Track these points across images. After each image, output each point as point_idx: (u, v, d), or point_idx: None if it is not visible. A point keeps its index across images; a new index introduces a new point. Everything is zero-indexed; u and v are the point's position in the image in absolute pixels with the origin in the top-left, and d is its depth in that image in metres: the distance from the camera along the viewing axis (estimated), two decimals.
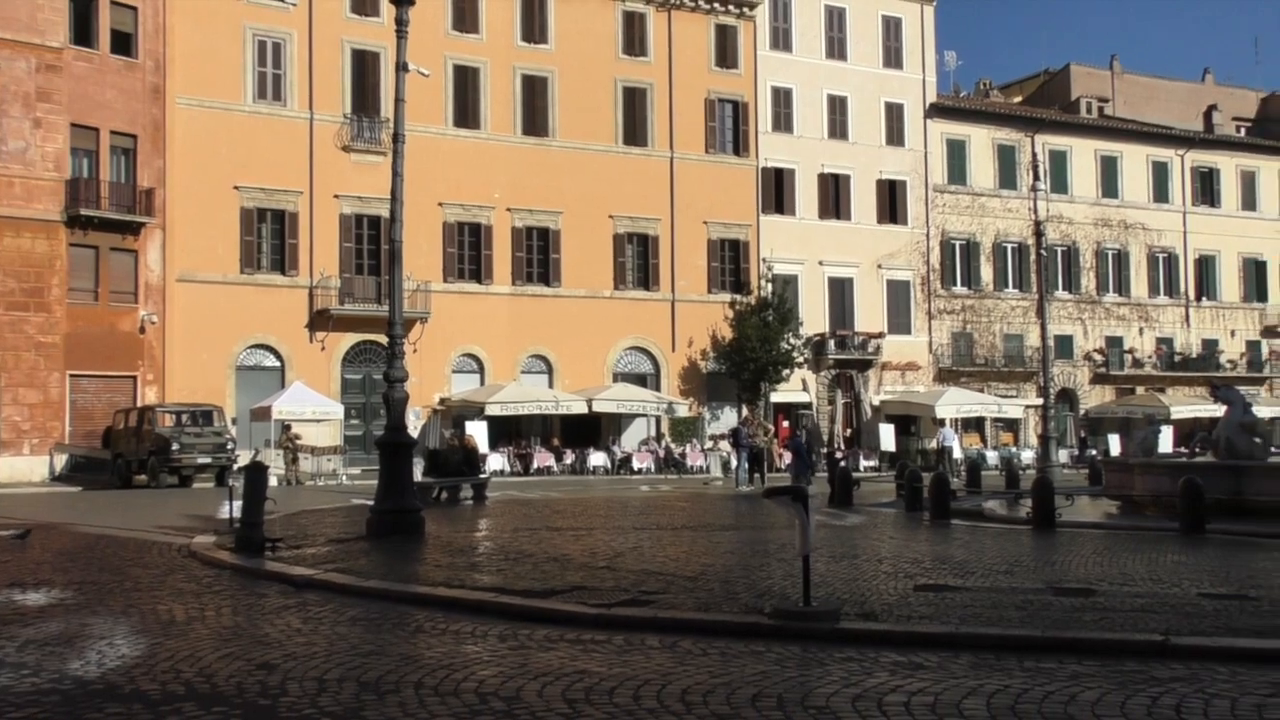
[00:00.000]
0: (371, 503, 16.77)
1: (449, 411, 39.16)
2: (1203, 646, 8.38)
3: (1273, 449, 29.78)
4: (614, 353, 42.59)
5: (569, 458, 40.52)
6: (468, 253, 40.74)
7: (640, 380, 42.81)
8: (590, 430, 41.49)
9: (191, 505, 23.50)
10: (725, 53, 44.75)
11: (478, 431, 35.22)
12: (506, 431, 40.25)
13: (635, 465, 40.60)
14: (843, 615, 9.52)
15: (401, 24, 16.67)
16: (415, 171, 39.27)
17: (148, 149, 36.35)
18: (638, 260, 43.21)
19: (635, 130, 43.25)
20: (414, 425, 38.67)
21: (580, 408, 39.65)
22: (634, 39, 43.41)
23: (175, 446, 31.02)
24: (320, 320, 38.29)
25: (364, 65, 39.56)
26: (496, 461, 37.93)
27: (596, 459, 40.67)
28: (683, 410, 42.40)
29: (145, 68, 36.36)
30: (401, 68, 17.07)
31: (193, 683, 7.19)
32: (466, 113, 40.93)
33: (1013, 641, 8.63)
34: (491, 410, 37.93)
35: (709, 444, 42.00)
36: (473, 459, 27.07)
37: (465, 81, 40.87)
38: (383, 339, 26.68)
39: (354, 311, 38.29)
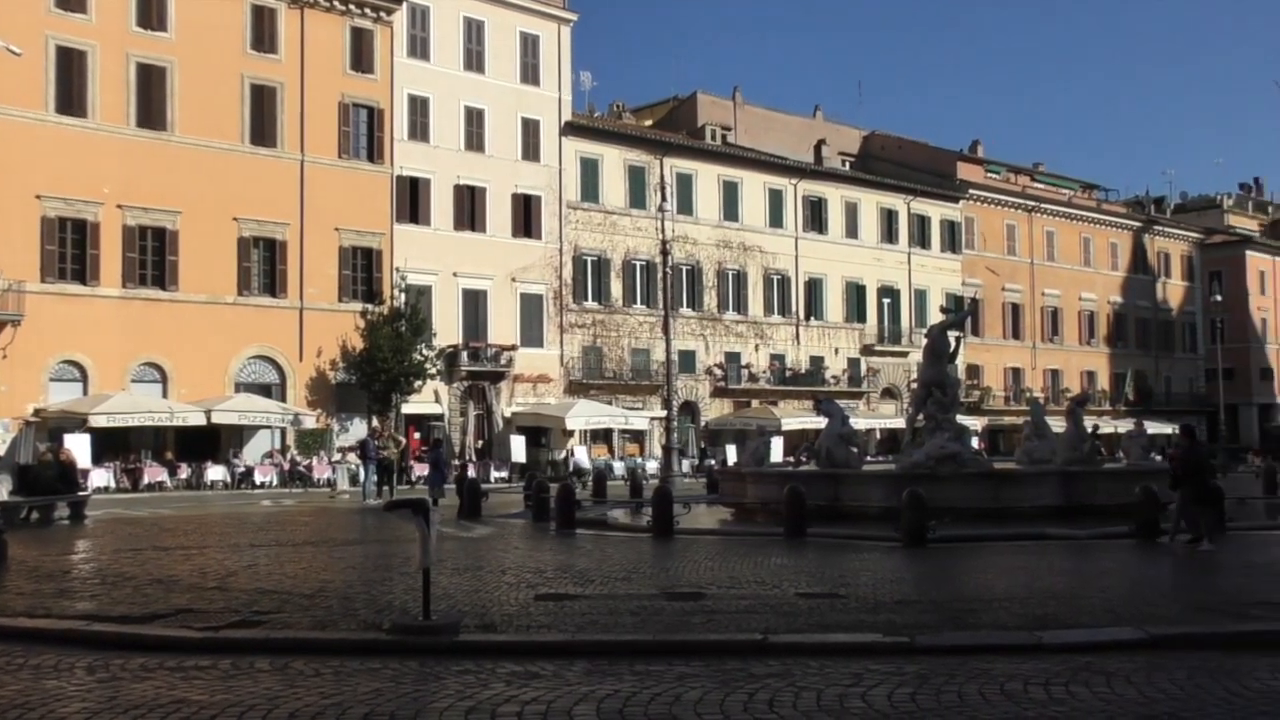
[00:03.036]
0: None
1: (45, 423, 35.74)
2: (797, 643, 8.93)
3: (867, 458, 32.59)
4: (237, 361, 40.47)
5: (184, 472, 38.10)
6: (71, 251, 37.40)
7: (265, 390, 40.92)
8: (209, 443, 39.18)
9: None
10: (361, 57, 43.74)
11: (78, 445, 32.38)
12: (114, 445, 37.27)
13: (258, 479, 38.76)
14: (463, 628, 9.44)
15: None
16: (8, 159, 35.98)
17: None
18: (264, 265, 41.30)
19: (264, 130, 41.37)
20: (1, 439, 35.15)
21: (198, 419, 37.40)
22: (264, 35, 41.54)
23: None
24: None
25: None
26: (100, 478, 35.03)
27: (215, 473, 38.49)
28: (310, 422, 40.96)
29: None
30: None
31: None
32: (72, 99, 37.64)
33: (626, 646, 8.85)
34: (96, 421, 35.01)
35: (337, 456, 40.81)
36: (69, 475, 24.80)
37: (71, 65, 37.57)
38: None
39: None
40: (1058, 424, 26.74)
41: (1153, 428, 55.80)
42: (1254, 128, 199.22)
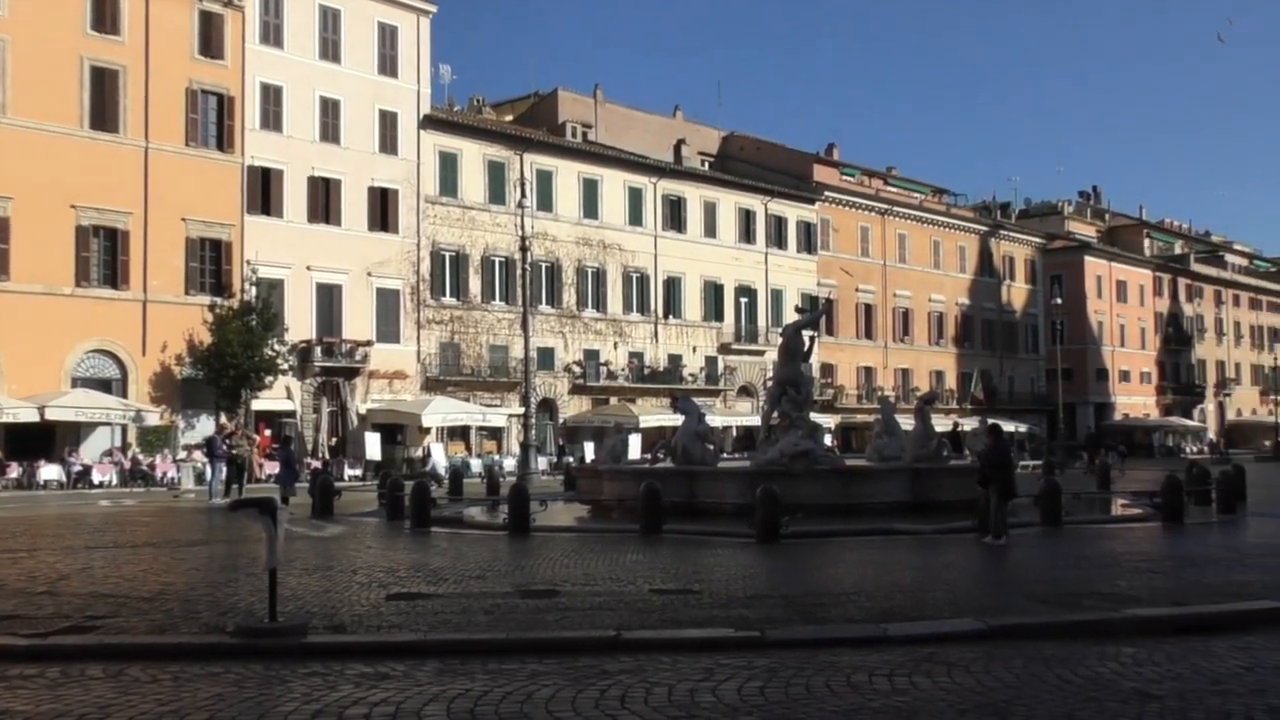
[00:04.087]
0: None
1: None
2: (650, 639, 8.97)
3: (723, 455, 33.03)
4: (74, 355, 38.76)
5: (14, 472, 36.33)
6: None
7: (104, 386, 39.31)
8: (42, 441, 37.44)
9: None
10: (210, 41, 42.34)
11: None
12: None
13: (96, 479, 37.21)
14: (311, 629, 9.24)
15: None
16: None
17: None
18: (105, 255, 39.62)
19: (105, 114, 39.70)
20: None
21: (31, 415, 35.75)
22: (105, 15, 39.82)
23: None
24: None
25: None
26: None
27: (49, 472, 36.79)
28: (154, 419, 39.51)
29: None
30: None
31: None
32: None
33: (478, 645, 8.77)
34: None
35: (182, 454, 39.46)
36: None
37: None
38: None
39: None
40: (907, 422, 27.49)
41: None
42: (1093, 138, 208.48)
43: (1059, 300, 73.91)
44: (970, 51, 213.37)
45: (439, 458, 42.71)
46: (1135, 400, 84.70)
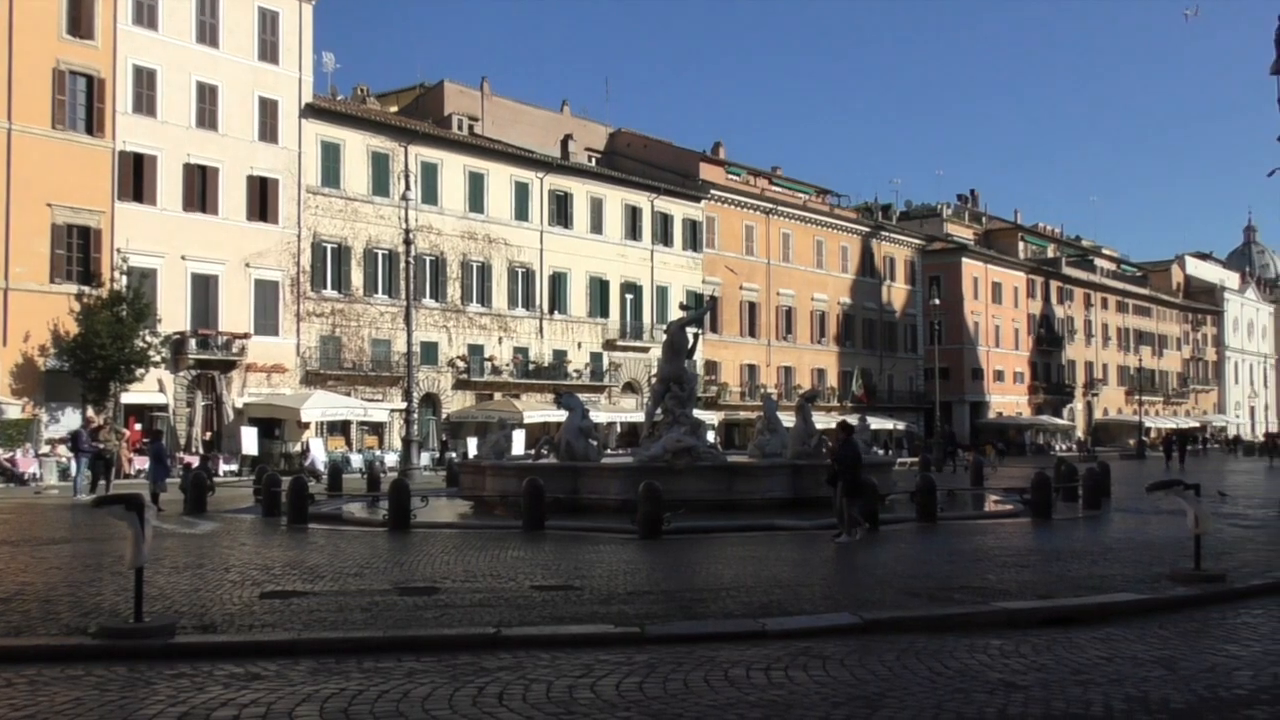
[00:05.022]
0: None
1: None
2: (530, 636, 8.93)
3: (607, 451, 33.06)
4: None
5: None
6: None
7: None
8: None
9: None
10: (79, 21, 40.75)
11: None
12: None
13: None
14: (179, 629, 8.99)
15: None
16: None
17: None
18: None
19: None
20: None
21: None
22: None
23: None
24: None
25: None
26: None
27: None
28: (15, 412, 37.96)
29: None
30: None
31: None
32: None
33: (355, 644, 8.63)
34: None
35: (46, 449, 37.99)
36: None
37: None
38: None
39: None
40: (790, 419, 27.84)
41: (876, 423, 59.17)
42: (971, 143, 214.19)
43: (937, 301, 75.68)
44: (854, 55, 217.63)
45: (318, 453, 42.00)
46: (1009, 399, 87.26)
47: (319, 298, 47.96)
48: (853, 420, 21.11)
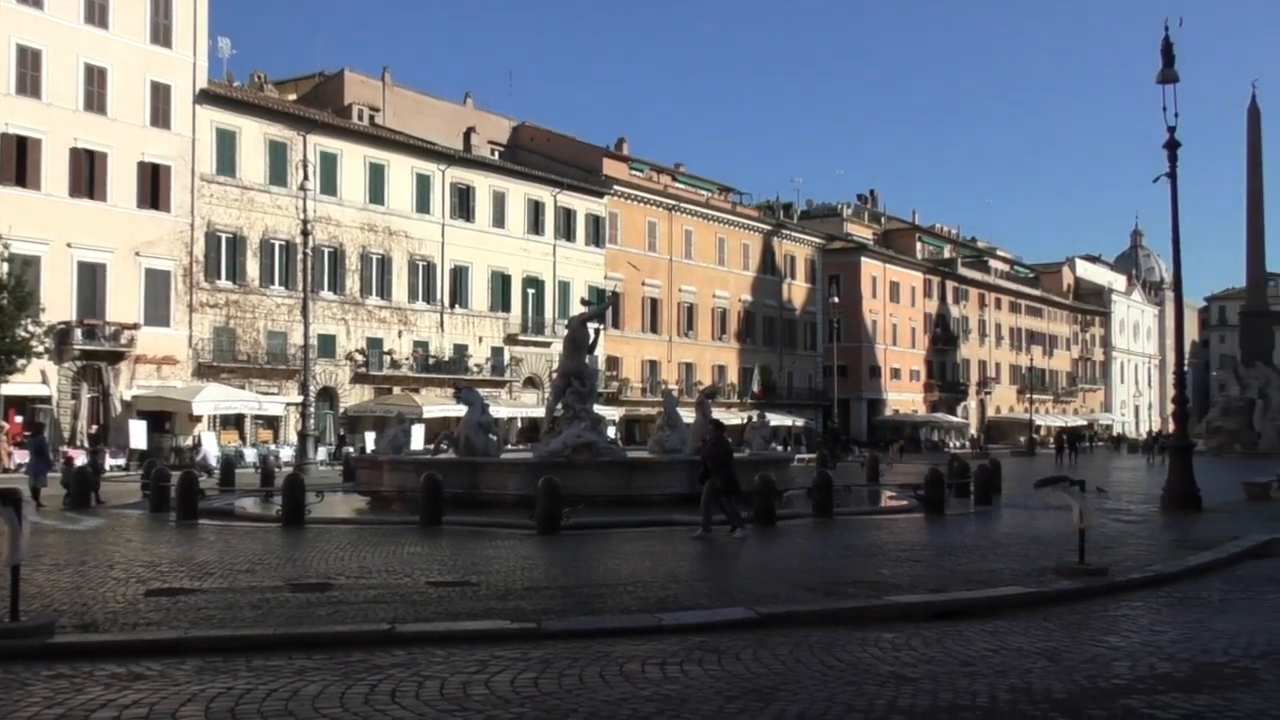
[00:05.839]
0: None
1: None
2: (424, 632, 8.84)
3: (508, 446, 32.89)
4: None
5: None
6: None
7: None
8: None
9: None
10: None
11: None
12: None
13: None
14: (59, 628, 8.71)
15: None
16: None
17: None
18: None
19: None
20: None
21: None
22: None
23: None
24: None
25: None
26: None
27: None
28: None
29: None
30: None
31: None
32: None
33: (243, 642, 8.45)
34: None
35: None
36: None
37: None
38: None
39: None
40: (690, 415, 27.97)
41: (775, 420, 59.80)
42: (871, 144, 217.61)
43: (836, 299, 76.74)
44: (758, 54, 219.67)
45: (210, 447, 41.04)
46: (905, 397, 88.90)
47: (213, 288, 46.86)
48: (755, 417, 21.37)
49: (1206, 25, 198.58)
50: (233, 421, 47.40)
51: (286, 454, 43.48)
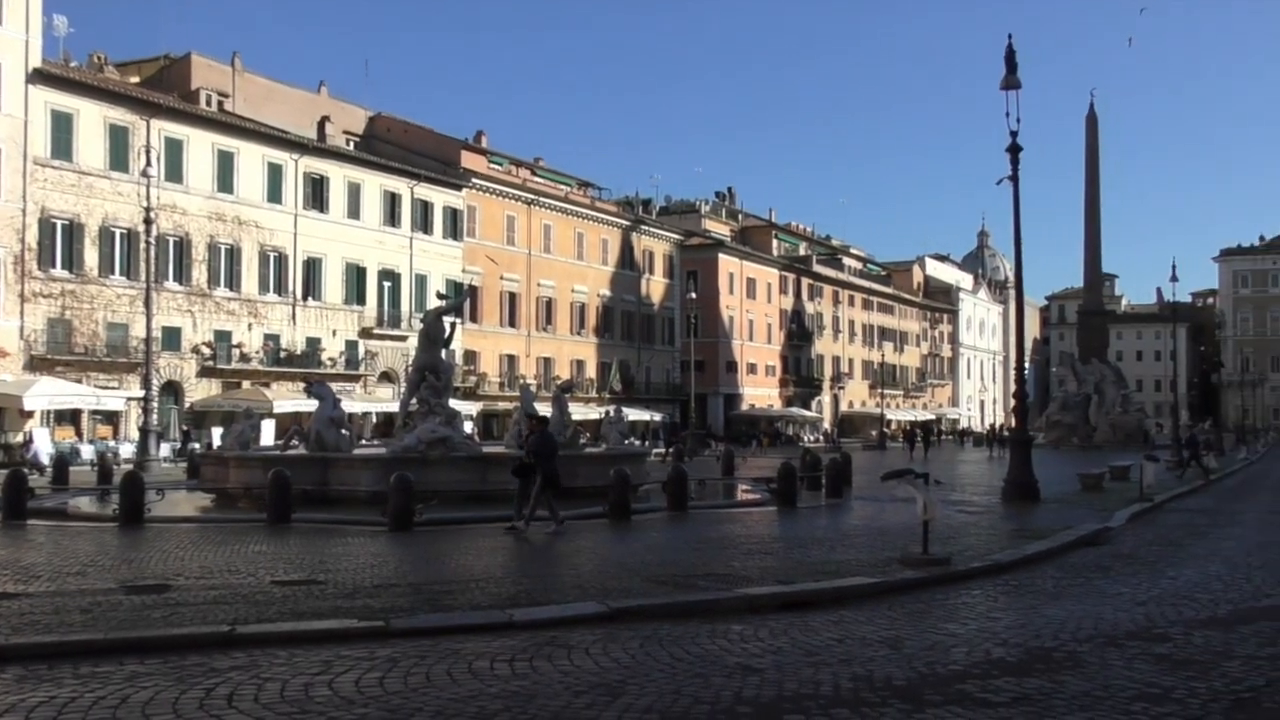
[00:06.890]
0: None
1: None
2: (267, 633, 8.57)
3: (361, 442, 32.25)
4: None
5: None
6: None
7: None
8: None
9: None
10: None
11: None
12: None
13: None
14: None
15: None
16: None
17: None
18: None
19: None
20: None
21: None
22: None
23: None
24: None
25: None
26: None
27: None
28: None
29: None
30: None
31: None
32: None
33: (71, 648, 8.06)
34: None
35: None
36: None
37: None
38: None
39: None
40: (548, 410, 27.88)
41: (633, 415, 60.08)
42: (729, 143, 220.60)
43: (694, 295, 77.35)
44: (619, 49, 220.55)
45: (42, 443, 39.28)
46: (761, 391, 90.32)
47: (47, 277, 44.78)
48: (612, 412, 21.38)
49: (1048, 34, 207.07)
50: (69, 417, 45.40)
51: (127, 451, 41.80)
